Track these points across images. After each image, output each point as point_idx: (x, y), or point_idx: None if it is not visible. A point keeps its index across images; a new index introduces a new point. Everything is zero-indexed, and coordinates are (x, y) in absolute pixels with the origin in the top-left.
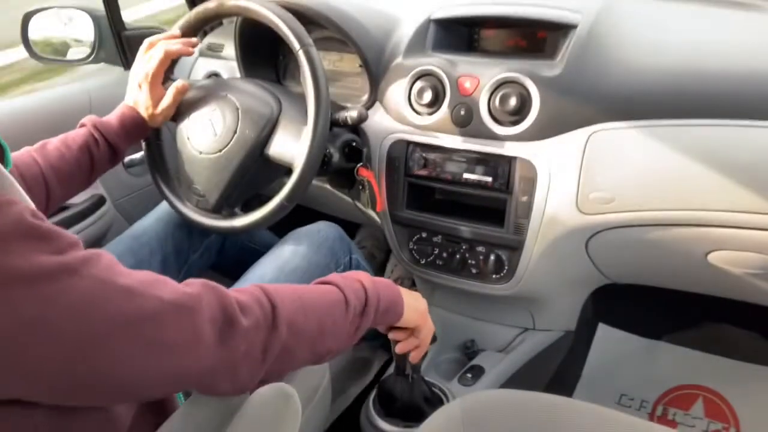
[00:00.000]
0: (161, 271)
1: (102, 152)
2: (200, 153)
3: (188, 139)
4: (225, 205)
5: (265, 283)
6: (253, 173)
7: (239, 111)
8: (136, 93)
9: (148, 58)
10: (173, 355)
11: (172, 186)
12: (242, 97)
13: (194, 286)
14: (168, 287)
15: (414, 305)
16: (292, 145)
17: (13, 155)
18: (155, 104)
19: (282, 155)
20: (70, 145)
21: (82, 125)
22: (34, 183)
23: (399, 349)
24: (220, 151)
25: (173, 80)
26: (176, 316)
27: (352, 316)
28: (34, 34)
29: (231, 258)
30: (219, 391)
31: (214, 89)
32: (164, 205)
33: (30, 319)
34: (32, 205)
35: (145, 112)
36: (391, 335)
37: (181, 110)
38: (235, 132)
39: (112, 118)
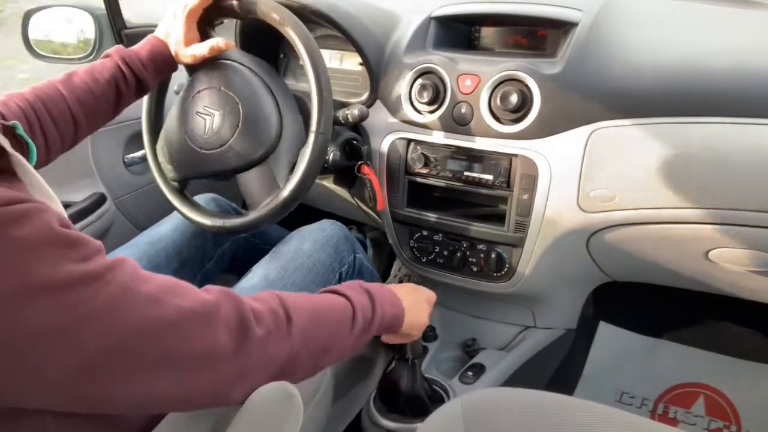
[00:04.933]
0: (177, 276)
1: (130, 87)
2: (187, 141)
3: (184, 120)
4: (182, 185)
5: (269, 281)
6: (221, 182)
7: (238, 129)
8: (169, 24)
9: None
10: (190, 364)
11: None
12: (248, 111)
13: (212, 292)
14: (187, 294)
15: (412, 321)
16: (258, 195)
17: (38, 87)
18: (187, 42)
19: (245, 193)
20: (98, 78)
21: (107, 56)
22: (61, 118)
23: (384, 339)
24: (205, 150)
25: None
26: (194, 324)
27: (357, 333)
28: (34, 32)
29: (247, 266)
30: (230, 402)
31: (230, 80)
32: (178, 214)
33: (53, 327)
34: (61, 210)
35: (174, 47)
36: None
37: (194, 73)
38: (228, 141)
39: (142, 50)
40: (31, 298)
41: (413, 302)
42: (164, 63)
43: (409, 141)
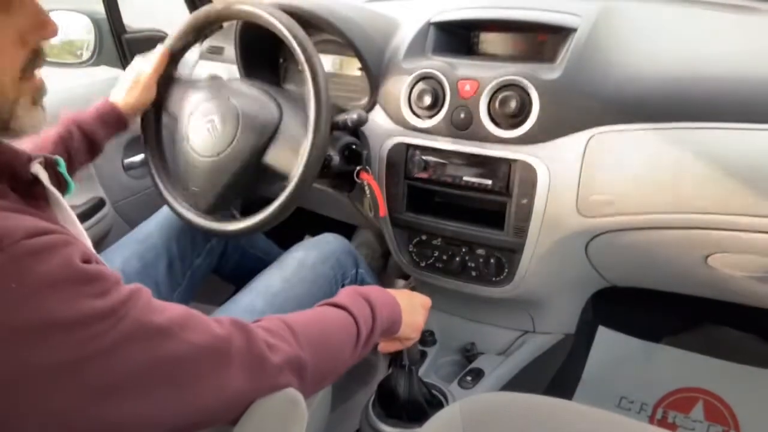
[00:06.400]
0: (167, 275)
1: (78, 144)
2: (198, 155)
3: (187, 139)
4: (219, 207)
5: (272, 292)
6: (249, 179)
7: (240, 116)
8: (122, 92)
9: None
10: (197, 399)
11: (171, 188)
12: (244, 102)
13: (224, 326)
14: (199, 328)
15: (410, 322)
16: (289, 157)
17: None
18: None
19: (279, 165)
20: (43, 139)
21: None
22: None
23: (381, 348)
24: (218, 155)
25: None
26: (205, 360)
27: (359, 350)
28: None
29: (232, 263)
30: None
31: (216, 91)
32: (166, 209)
33: (62, 362)
34: (88, 243)
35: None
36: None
37: (182, 108)
38: (235, 137)
39: (88, 111)
40: (44, 335)
41: (408, 304)
42: (115, 120)
43: (409, 146)
